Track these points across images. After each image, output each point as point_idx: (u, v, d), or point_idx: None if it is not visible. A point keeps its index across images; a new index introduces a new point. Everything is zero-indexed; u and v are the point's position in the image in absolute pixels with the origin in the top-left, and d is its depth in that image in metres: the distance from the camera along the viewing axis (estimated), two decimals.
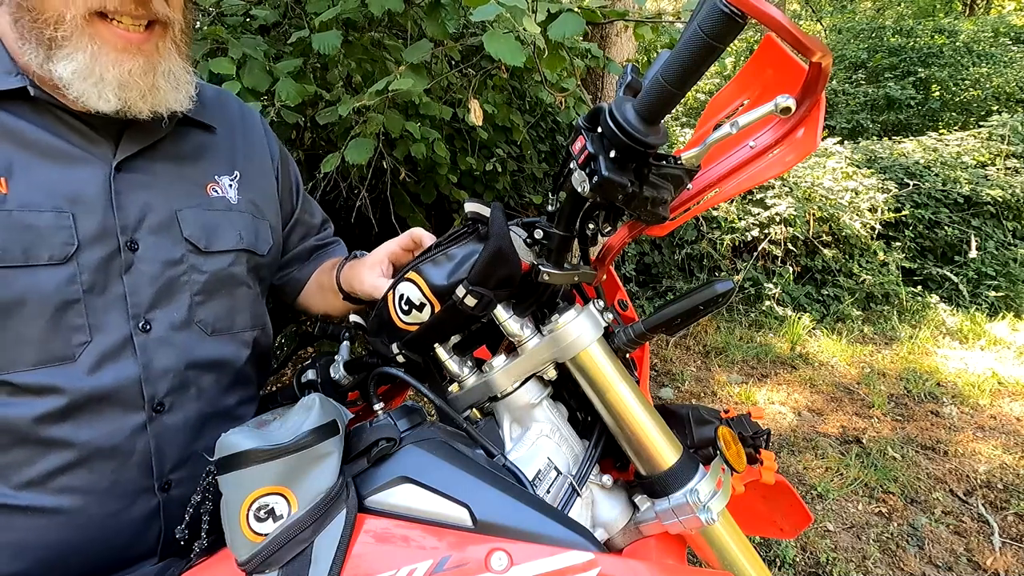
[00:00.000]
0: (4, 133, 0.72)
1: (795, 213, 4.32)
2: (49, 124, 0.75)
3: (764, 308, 4.19)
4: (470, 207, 0.74)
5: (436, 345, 0.79)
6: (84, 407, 0.74)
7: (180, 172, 0.85)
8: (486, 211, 0.72)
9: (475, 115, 2.01)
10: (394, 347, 0.79)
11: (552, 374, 0.75)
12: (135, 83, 0.73)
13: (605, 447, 0.78)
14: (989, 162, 5.18)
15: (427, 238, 0.87)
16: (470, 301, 0.70)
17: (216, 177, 0.90)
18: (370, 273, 0.88)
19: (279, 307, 1.17)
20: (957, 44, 8.34)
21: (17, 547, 0.73)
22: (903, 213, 4.66)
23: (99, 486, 0.76)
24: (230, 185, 0.91)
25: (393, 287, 0.77)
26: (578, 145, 0.63)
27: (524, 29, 1.61)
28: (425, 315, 0.75)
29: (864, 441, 2.78)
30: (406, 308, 0.76)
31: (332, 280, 0.99)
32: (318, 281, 1.06)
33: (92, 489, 0.76)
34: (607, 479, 0.77)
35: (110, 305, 0.76)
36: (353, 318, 0.89)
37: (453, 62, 2.76)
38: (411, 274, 0.75)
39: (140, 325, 0.78)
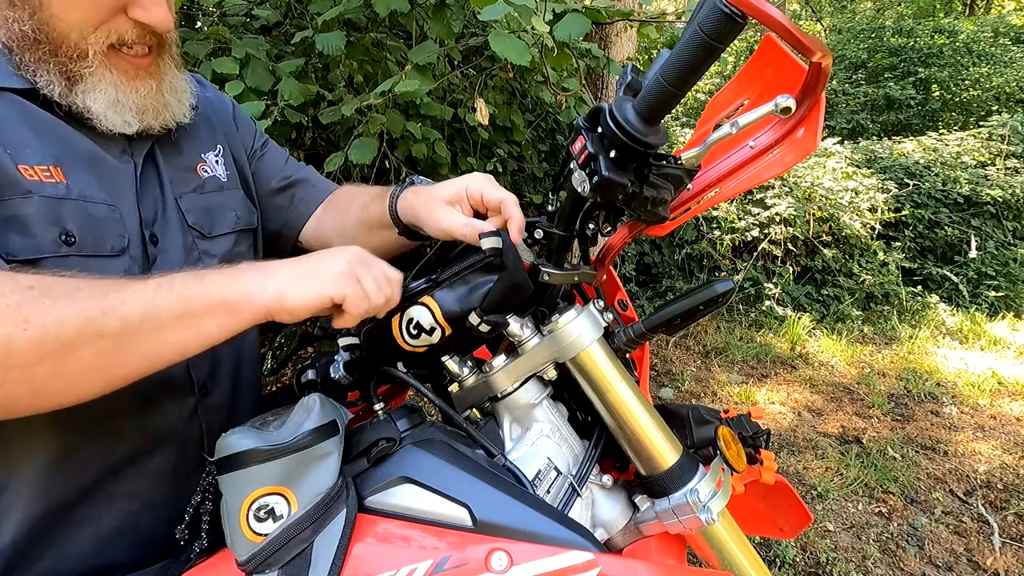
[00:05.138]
0: (41, 126, 0.71)
1: (795, 213, 4.31)
2: (75, 125, 0.74)
3: (764, 308, 4.19)
4: (487, 243, 0.71)
5: None
6: (150, 397, 0.76)
7: (175, 160, 0.85)
8: (499, 243, 0.71)
9: (481, 115, 2.01)
10: (399, 366, 0.79)
11: (552, 374, 0.75)
12: (150, 105, 0.76)
13: (605, 447, 0.78)
14: (989, 162, 5.17)
15: (514, 208, 0.76)
16: (484, 328, 0.71)
17: (203, 155, 0.89)
18: (446, 213, 0.79)
19: None
20: (957, 44, 8.33)
21: (105, 538, 0.76)
22: (903, 213, 4.65)
23: (166, 470, 0.79)
24: (217, 161, 0.91)
25: (402, 311, 0.75)
26: (578, 145, 0.63)
27: (531, 29, 1.61)
28: (435, 338, 0.74)
29: (864, 441, 2.78)
30: (414, 332, 0.75)
31: (383, 212, 0.89)
32: (359, 219, 0.96)
33: (161, 473, 0.79)
34: (607, 479, 0.77)
35: None
36: (344, 342, 0.86)
37: (454, 63, 2.76)
38: (426, 299, 0.74)
39: None
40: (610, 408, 0.73)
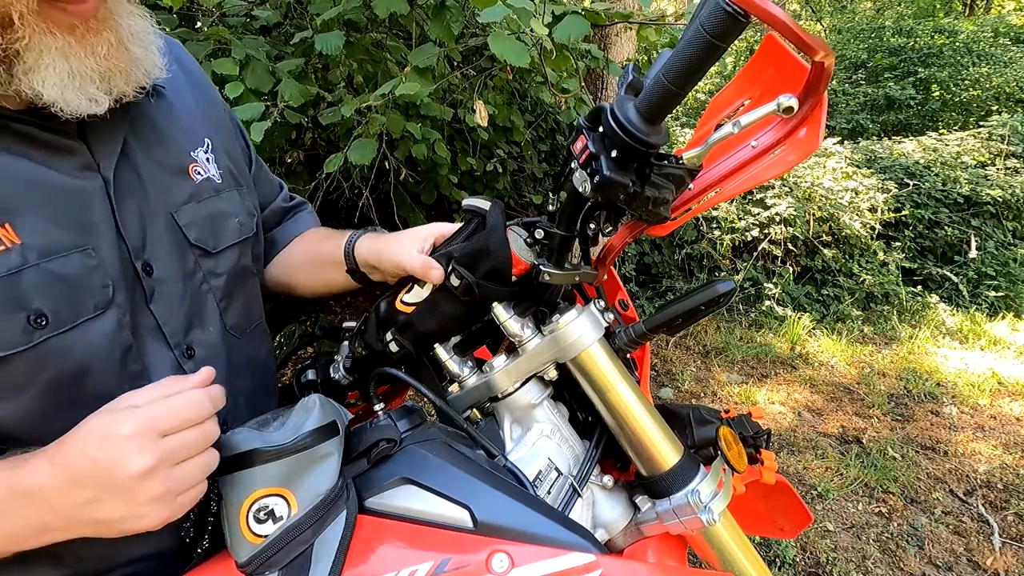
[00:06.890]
0: None
1: (795, 213, 4.31)
2: (13, 144, 0.59)
3: (764, 308, 4.19)
4: (468, 202, 0.76)
5: (436, 345, 0.79)
6: None
7: (158, 160, 0.70)
8: (485, 205, 0.74)
9: (481, 116, 2.01)
10: (388, 335, 0.79)
11: (553, 374, 0.75)
12: (115, 67, 0.60)
13: (606, 447, 0.78)
14: (989, 162, 5.16)
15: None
16: (454, 280, 0.72)
17: (192, 153, 0.75)
18: (405, 247, 0.78)
19: (277, 305, 1.15)
20: (957, 44, 8.33)
21: (145, 558, 0.72)
22: (903, 213, 4.65)
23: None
24: (208, 159, 0.77)
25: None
26: (579, 145, 0.63)
27: (530, 30, 1.61)
28: (426, 291, 0.77)
29: (864, 441, 2.78)
30: (410, 286, 0.79)
31: (337, 252, 0.86)
32: (308, 254, 0.93)
33: None
34: (608, 480, 0.77)
35: (150, 339, 0.68)
36: (347, 324, 0.88)
37: (454, 63, 2.76)
38: None
39: (184, 352, 0.71)
40: (611, 408, 0.73)
